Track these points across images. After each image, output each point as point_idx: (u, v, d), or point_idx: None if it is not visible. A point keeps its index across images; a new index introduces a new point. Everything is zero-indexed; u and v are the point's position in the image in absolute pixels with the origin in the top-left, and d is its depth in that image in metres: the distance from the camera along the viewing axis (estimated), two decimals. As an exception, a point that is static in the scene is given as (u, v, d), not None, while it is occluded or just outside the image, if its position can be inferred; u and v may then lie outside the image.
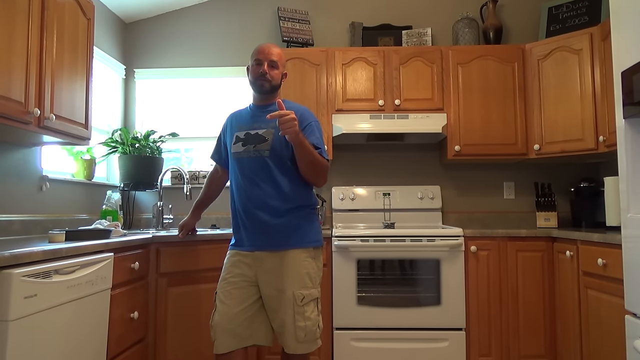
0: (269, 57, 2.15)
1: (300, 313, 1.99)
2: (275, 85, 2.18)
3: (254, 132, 2.14)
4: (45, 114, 2.11)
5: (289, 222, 2.08)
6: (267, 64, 2.13)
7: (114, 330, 2.09)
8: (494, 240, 2.91)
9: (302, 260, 2.04)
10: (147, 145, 3.33)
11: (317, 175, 2.11)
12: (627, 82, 1.78)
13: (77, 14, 2.41)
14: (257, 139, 2.12)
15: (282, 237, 2.05)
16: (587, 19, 3.23)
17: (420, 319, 2.85)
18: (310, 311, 2.02)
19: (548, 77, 3.15)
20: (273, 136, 2.09)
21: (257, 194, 2.08)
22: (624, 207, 1.82)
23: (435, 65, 3.29)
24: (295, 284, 2.01)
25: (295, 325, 1.98)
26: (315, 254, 2.11)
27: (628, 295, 1.80)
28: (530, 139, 3.22)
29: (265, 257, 2.07)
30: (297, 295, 2.00)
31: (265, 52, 2.16)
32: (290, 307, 1.99)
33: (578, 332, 2.55)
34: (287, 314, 2.00)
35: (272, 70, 2.14)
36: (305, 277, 2.04)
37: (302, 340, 1.99)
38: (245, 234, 2.12)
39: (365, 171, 3.63)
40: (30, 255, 1.55)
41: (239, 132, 2.18)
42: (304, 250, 2.07)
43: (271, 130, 2.10)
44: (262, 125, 2.13)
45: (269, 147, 2.09)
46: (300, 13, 3.61)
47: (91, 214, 3.10)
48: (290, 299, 2.00)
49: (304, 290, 2.01)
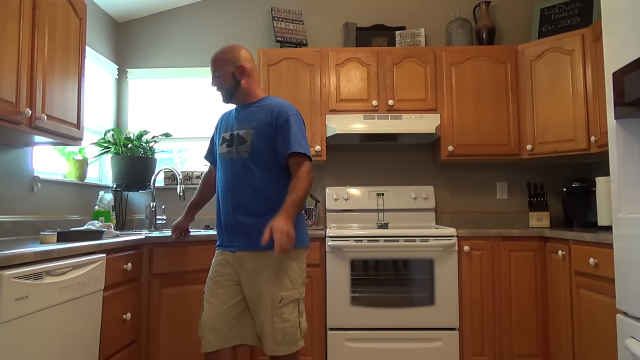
0: (211, 67, 2.17)
1: (279, 315, 1.98)
2: (229, 88, 2.16)
3: (236, 132, 2.15)
4: (37, 114, 2.10)
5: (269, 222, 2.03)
6: (213, 75, 2.17)
7: (107, 332, 2.08)
8: (487, 240, 2.92)
9: (281, 261, 2.02)
10: (140, 145, 3.31)
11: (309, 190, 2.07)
12: (618, 83, 1.79)
13: (69, 13, 2.40)
14: (238, 140, 2.12)
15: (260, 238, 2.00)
16: (579, 20, 3.25)
17: (414, 319, 2.85)
18: (289, 313, 2.00)
19: (540, 78, 3.17)
20: (252, 137, 2.08)
21: (237, 195, 2.09)
22: (615, 207, 1.83)
23: (428, 65, 3.30)
24: (274, 286, 2.00)
25: (273, 327, 1.98)
26: (297, 255, 2.07)
27: (619, 295, 1.81)
28: (522, 140, 3.24)
29: (246, 258, 2.06)
30: (275, 296, 1.98)
31: (210, 64, 2.18)
32: (269, 308, 1.99)
33: (570, 331, 2.56)
34: (265, 315, 1.99)
35: (218, 80, 2.16)
36: (285, 279, 2.02)
37: (280, 341, 1.98)
38: (227, 234, 2.13)
39: (359, 171, 3.63)
40: (21, 257, 1.54)
41: (226, 132, 2.20)
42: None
43: (250, 131, 2.10)
44: (243, 125, 2.13)
45: (249, 148, 2.08)
46: (294, 13, 3.61)
47: (83, 215, 3.08)
48: (268, 301, 1.99)
49: (282, 292, 1.99)
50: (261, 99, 2.19)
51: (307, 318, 2.83)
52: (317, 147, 3.24)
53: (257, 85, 2.22)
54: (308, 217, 3.35)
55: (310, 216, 3.36)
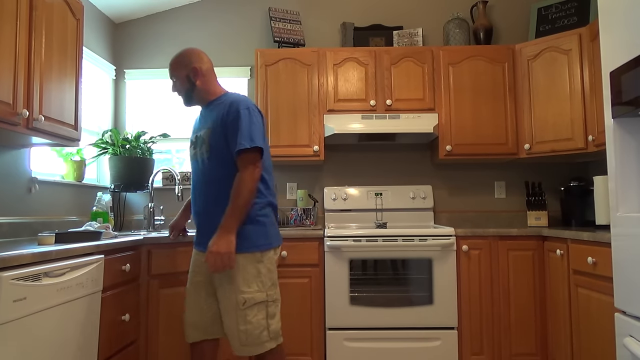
0: (169, 73, 2.23)
1: (242, 316, 1.99)
2: (187, 91, 2.20)
3: (199, 134, 2.18)
4: (34, 115, 2.09)
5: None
6: (171, 81, 2.23)
7: (105, 333, 2.08)
8: (485, 240, 2.92)
9: (246, 265, 2.01)
10: (138, 146, 3.31)
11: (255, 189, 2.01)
12: (615, 82, 1.79)
13: (66, 14, 2.39)
14: (199, 141, 2.15)
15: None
16: (576, 20, 3.26)
17: (413, 319, 2.85)
18: (253, 315, 1.99)
19: (538, 77, 3.18)
20: (209, 137, 2.09)
21: (201, 196, 2.12)
22: (613, 205, 1.84)
23: (426, 65, 3.30)
24: (237, 288, 2.00)
25: (237, 329, 2.00)
26: (261, 257, 2.04)
27: (617, 293, 1.82)
28: (520, 139, 3.24)
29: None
30: (239, 299, 1.99)
31: (168, 74, 2.23)
32: (233, 310, 2.00)
33: (569, 330, 2.57)
34: (230, 317, 2.02)
35: (175, 85, 2.22)
36: (250, 281, 2.01)
37: (244, 343, 2.00)
38: (197, 234, 2.18)
39: (357, 171, 3.63)
40: (19, 258, 1.53)
41: (192, 135, 2.26)
42: (249, 255, 2.01)
43: (208, 130, 2.11)
44: (203, 126, 2.17)
45: (208, 147, 2.09)
46: (291, 13, 3.61)
47: (81, 216, 3.07)
48: (233, 302, 2.00)
49: (246, 294, 1.99)
50: (220, 96, 2.19)
51: (306, 318, 2.86)
52: (316, 147, 3.24)
53: (215, 83, 2.23)
54: (306, 217, 3.35)
55: (309, 216, 3.36)
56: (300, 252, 2.90)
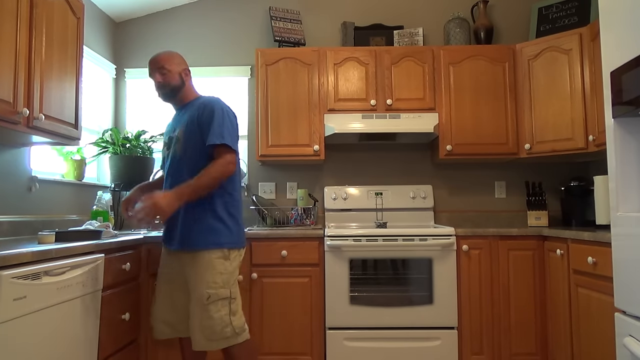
0: (157, 64, 2.24)
1: (206, 311, 2.05)
2: (175, 86, 2.25)
3: (173, 135, 2.24)
4: (35, 114, 2.09)
5: (203, 222, 2.11)
6: (156, 73, 2.23)
7: (105, 332, 2.08)
8: (486, 239, 2.92)
9: (212, 260, 2.08)
10: (138, 145, 3.31)
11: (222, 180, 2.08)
12: (616, 82, 1.79)
13: (67, 13, 2.39)
14: (174, 140, 2.22)
15: (194, 237, 2.10)
16: (577, 20, 3.26)
17: (413, 318, 2.85)
18: (216, 310, 2.05)
19: (538, 77, 3.18)
20: (183, 135, 2.17)
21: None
22: (614, 205, 1.84)
23: (426, 65, 3.30)
24: (202, 283, 2.06)
25: (201, 324, 2.05)
26: (228, 255, 2.12)
27: (618, 293, 1.81)
28: (521, 139, 3.24)
29: (183, 256, 2.15)
30: (203, 294, 2.05)
31: (153, 62, 2.25)
32: (198, 305, 2.06)
33: (569, 329, 2.57)
34: (195, 312, 2.07)
35: (164, 77, 2.23)
36: (215, 277, 2.07)
37: (209, 337, 2.05)
38: (168, 232, 2.22)
39: (358, 171, 3.63)
40: (19, 257, 1.54)
41: (165, 137, 2.32)
42: (217, 251, 2.09)
43: (182, 129, 2.19)
44: (177, 126, 2.24)
45: (182, 146, 2.17)
46: (292, 13, 3.60)
47: (81, 215, 3.07)
48: (197, 297, 2.06)
49: (210, 290, 2.05)
50: (195, 98, 2.29)
51: (306, 317, 2.85)
52: (316, 146, 3.23)
53: (194, 87, 2.34)
54: (306, 217, 3.35)
55: (309, 215, 3.36)
56: (300, 252, 2.89)
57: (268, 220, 3.30)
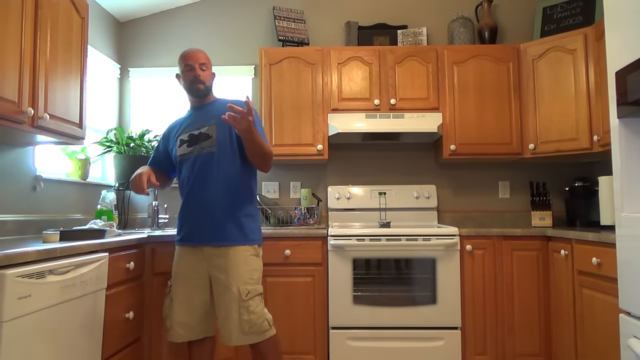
0: (199, 60, 2.26)
1: (245, 307, 2.08)
2: (209, 86, 2.31)
3: (197, 131, 2.24)
4: (39, 113, 2.10)
5: (236, 218, 2.16)
6: (198, 67, 2.25)
7: (109, 331, 2.09)
8: (490, 240, 2.91)
9: (247, 257, 2.14)
10: (142, 144, 3.32)
11: (264, 161, 2.20)
12: (621, 82, 1.78)
13: (71, 13, 2.40)
14: (201, 137, 2.22)
15: (228, 232, 2.14)
16: (582, 19, 3.24)
17: (416, 318, 2.85)
18: (255, 305, 2.10)
19: (543, 77, 3.16)
20: (217, 132, 2.20)
21: (206, 190, 2.17)
22: (618, 206, 1.83)
23: (430, 64, 3.29)
24: (240, 280, 2.09)
25: (240, 319, 2.07)
26: (258, 251, 2.22)
27: (622, 294, 1.81)
28: (525, 139, 3.23)
29: (214, 253, 2.15)
30: (242, 290, 2.08)
31: (194, 56, 2.27)
32: (236, 301, 2.07)
33: (573, 330, 2.56)
34: (231, 308, 2.08)
35: (203, 73, 2.26)
36: (251, 273, 2.13)
37: (247, 332, 2.09)
38: (195, 229, 2.19)
39: (361, 170, 3.63)
40: (24, 256, 1.54)
41: (182, 135, 2.29)
42: (250, 247, 2.16)
43: (213, 126, 2.20)
44: (204, 124, 2.24)
45: (215, 142, 2.19)
46: (295, 12, 3.61)
47: (86, 214, 3.08)
48: (235, 294, 2.08)
49: (249, 286, 2.10)
50: (216, 99, 2.36)
51: (310, 317, 2.86)
52: (319, 146, 3.23)
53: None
54: (310, 216, 3.35)
55: (312, 215, 3.36)
56: (303, 251, 2.90)
57: (271, 219, 3.30)
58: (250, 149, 2.12)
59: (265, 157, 2.17)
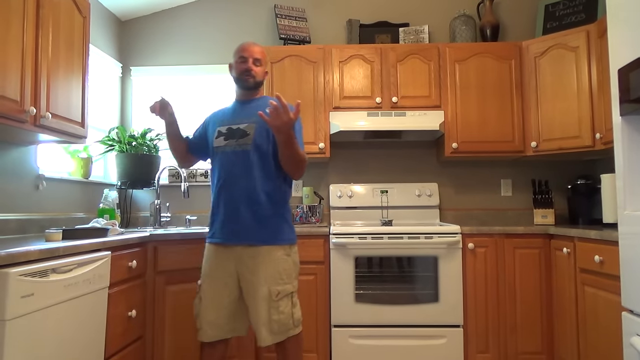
0: (253, 54, 2.24)
1: (275, 308, 2.07)
2: (258, 82, 2.28)
3: (235, 126, 2.21)
4: (41, 112, 2.10)
5: (267, 218, 2.14)
6: (251, 60, 2.22)
7: (112, 329, 2.09)
8: (492, 238, 2.91)
9: (277, 257, 2.12)
10: (144, 143, 3.32)
11: (297, 169, 2.17)
12: (623, 80, 1.78)
13: (73, 12, 2.40)
14: (238, 133, 2.19)
15: (259, 232, 2.12)
16: (584, 17, 3.23)
17: (418, 316, 2.85)
18: (284, 306, 2.09)
19: (545, 75, 3.16)
20: (255, 131, 2.16)
21: (237, 188, 2.15)
22: (621, 204, 1.83)
23: (432, 62, 3.28)
24: (270, 280, 2.08)
25: (270, 319, 2.07)
26: (290, 251, 2.18)
27: (625, 292, 1.81)
28: (527, 136, 3.23)
29: (245, 252, 2.13)
30: (272, 291, 2.07)
31: (250, 50, 2.24)
32: (266, 302, 2.07)
33: (575, 328, 2.56)
34: (262, 309, 2.07)
35: (256, 67, 2.24)
36: (282, 273, 2.11)
37: (275, 332, 2.09)
38: (225, 227, 2.17)
39: (363, 169, 3.63)
40: (26, 254, 1.55)
41: (221, 126, 2.25)
42: (279, 247, 2.14)
43: (253, 124, 2.17)
44: (244, 120, 2.21)
45: (251, 140, 2.16)
46: (297, 10, 3.60)
47: (88, 213, 3.09)
48: (265, 294, 2.07)
49: (278, 287, 2.09)
50: (261, 96, 2.33)
51: (312, 315, 2.86)
52: (321, 144, 3.23)
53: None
54: (312, 215, 3.35)
55: (314, 213, 3.36)
56: (305, 249, 2.89)
57: (273, 218, 3.30)
58: (284, 152, 2.08)
59: (297, 165, 2.13)
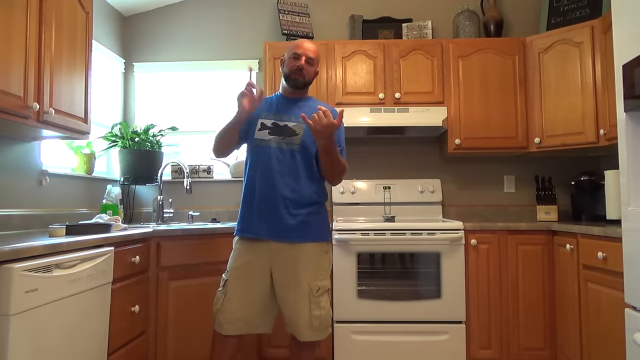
0: (307, 53, 2.20)
1: (316, 303, 2.09)
2: (308, 82, 2.25)
3: (282, 123, 2.19)
4: (45, 108, 2.11)
5: (308, 216, 2.16)
6: (304, 59, 2.19)
7: (115, 324, 2.10)
8: (494, 234, 2.91)
9: (317, 254, 2.15)
10: (147, 139, 3.33)
11: (336, 177, 2.24)
12: (628, 76, 1.77)
13: (76, 7, 2.40)
14: (286, 131, 2.18)
15: (300, 230, 2.13)
16: (588, 12, 3.21)
17: (421, 312, 2.85)
18: (325, 301, 2.13)
19: (549, 70, 3.14)
20: (304, 132, 2.16)
21: (281, 185, 2.13)
22: (625, 200, 1.82)
23: (435, 58, 3.27)
24: (311, 276, 2.10)
25: (311, 315, 2.08)
26: (327, 248, 2.24)
27: (628, 289, 1.80)
28: (530, 132, 3.21)
29: (282, 248, 2.12)
30: (313, 286, 2.09)
31: (304, 47, 2.22)
32: (306, 297, 2.08)
33: (578, 325, 2.56)
34: (302, 304, 2.08)
35: (308, 67, 2.21)
36: (321, 269, 2.15)
37: (316, 328, 2.10)
38: (263, 222, 2.14)
39: (366, 165, 3.62)
40: (30, 250, 1.55)
41: (265, 119, 2.21)
42: (319, 244, 2.17)
43: (302, 125, 2.16)
44: (291, 118, 2.20)
45: (300, 141, 2.16)
46: (299, 6, 3.59)
47: (91, 208, 3.10)
48: (306, 290, 2.08)
49: (319, 282, 2.12)
50: (310, 97, 2.33)
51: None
52: (324, 140, 3.23)
53: None
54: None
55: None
56: (308, 246, 2.90)
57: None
58: (323, 158, 2.12)
59: (337, 170, 2.19)
